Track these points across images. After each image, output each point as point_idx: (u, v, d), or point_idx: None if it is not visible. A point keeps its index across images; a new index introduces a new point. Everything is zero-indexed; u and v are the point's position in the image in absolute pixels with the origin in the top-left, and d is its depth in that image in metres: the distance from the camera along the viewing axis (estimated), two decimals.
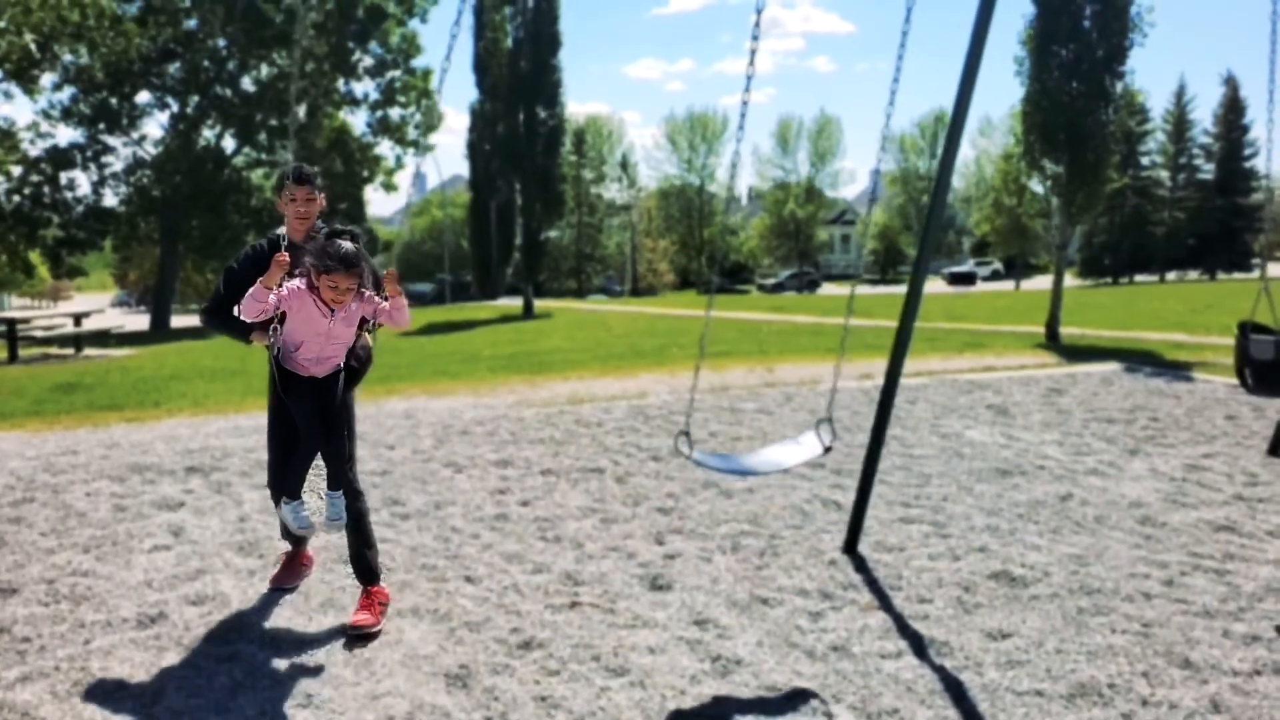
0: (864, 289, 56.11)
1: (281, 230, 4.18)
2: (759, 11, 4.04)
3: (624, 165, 65.36)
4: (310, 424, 3.84)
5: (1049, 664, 3.56)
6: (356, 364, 3.99)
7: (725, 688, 3.44)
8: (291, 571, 4.45)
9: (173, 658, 3.68)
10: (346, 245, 3.64)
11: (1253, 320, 5.47)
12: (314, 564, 4.62)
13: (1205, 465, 6.53)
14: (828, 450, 4.33)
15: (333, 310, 3.71)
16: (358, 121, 38.25)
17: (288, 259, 3.60)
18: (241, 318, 3.75)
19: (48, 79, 32.61)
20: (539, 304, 31.05)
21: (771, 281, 60.83)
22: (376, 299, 3.81)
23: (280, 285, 3.65)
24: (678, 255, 66.63)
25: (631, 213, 65.66)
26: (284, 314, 3.76)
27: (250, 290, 3.60)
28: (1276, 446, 6.80)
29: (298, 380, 3.83)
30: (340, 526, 3.93)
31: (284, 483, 3.97)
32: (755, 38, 4.03)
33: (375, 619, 3.96)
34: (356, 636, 3.86)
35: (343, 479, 3.94)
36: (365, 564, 4.09)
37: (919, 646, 3.75)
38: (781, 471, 4.60)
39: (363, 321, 3.89)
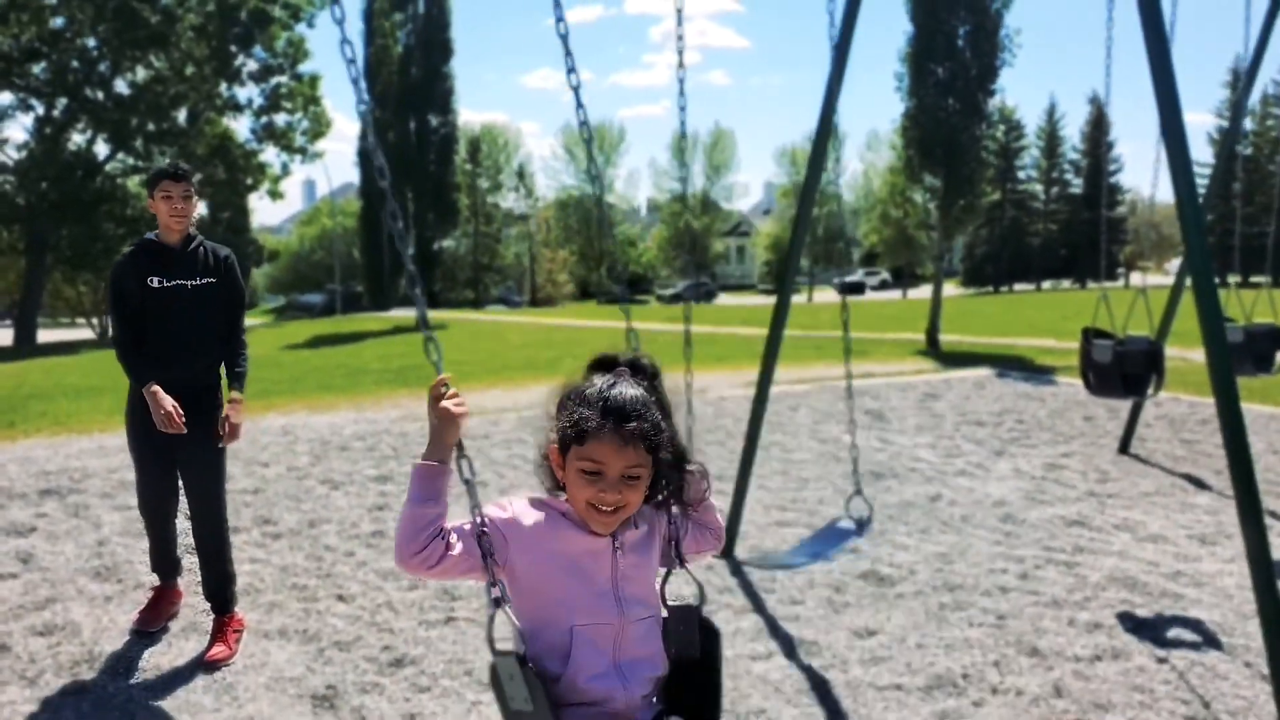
0: (759, 299, 57.21)
1: (152, 234, 3.92)
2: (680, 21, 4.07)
3: (521, 175, 64.96)
4: None
5: (909, 658, 3.70)
6: (699, 669, 1.91)
7: None
8: (158, 612, 4.09)
9: (15, 693, 3.46)
10: (627, 390, 1.79)
11: (1095, 326, 5.84)
12: (182, 600, 4.26)
13: (1063, 464, 6.89)
14: (867, 524, 4.35)
15: (614, 538, 1.80)
16: (241, 128, 37.00)
17: (446, 382, 1.83)
18: (400, 560, 1.74)
19: None
20: (433, 315, 30.59)
21: (670, 292, 61.44)
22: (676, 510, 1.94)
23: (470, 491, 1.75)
24: (577, 266, 66.57)
25: (530, 223, 65.29)
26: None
27: (411, 485, 1.76)
28: (1126, 444, 7.25)
29: None
30: None
31: None
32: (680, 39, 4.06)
33: (231, 650, 3.81)
34: (213, 668, 3.71)
35: None
36: (221, 595, 3.93)
37: (789, 647, 3.84)
38: (827, 561, 4.55)
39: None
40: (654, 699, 1.85)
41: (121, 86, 34.02)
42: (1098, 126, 60.83)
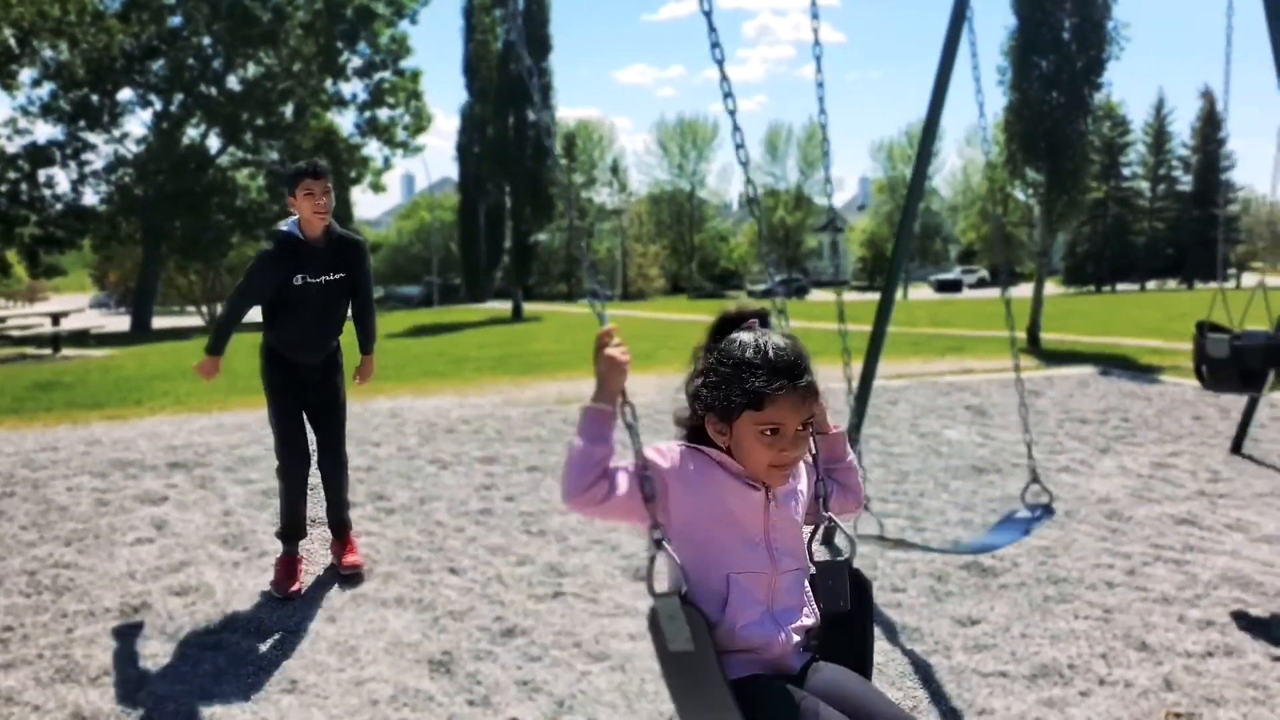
0: (852, 295, 56.43)
1: (285, 225, 4.23)
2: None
3: (614, 170, 65.44)
4: None
5: (1014, 647, 3.69)
6: (851, 621, 2.00)
7: None
8: (291, 576, 4.31)
9: (156, 646, 3.74)
10: (781, 341, 1.84)
11: (1210, 320, 5.64)
12: (304, 567, 4.48)
13: (1171, 463, 6.68)
14: (1049, 512, 3.82)
15: (766, 490, 1.85)
16: (345, 122, 38.22)
17: (612, 333, 1.81)
18: (567, 496, 1.76)
19: (27, 74, 32.43)
20: (528, 307, 31.10)
21: (761, 288, 61.05)
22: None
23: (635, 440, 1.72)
24: (668, 260, 66.80)
25: (622, 217, 65.75)
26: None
27: (579, 426, 1.78)
28: (1239, 444, 6.98)
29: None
30: None
31: None
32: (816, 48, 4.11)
33: (360, 559, 4.50)
34: (351, 576, 4.34)
35: None
36: (342, 521, 4.54)
37: (891, 632, 3.87)
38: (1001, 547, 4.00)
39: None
40: (804, 647, 1.89)
41: (233, 83, 35.55)
42: (1209, 122, 57.85)
